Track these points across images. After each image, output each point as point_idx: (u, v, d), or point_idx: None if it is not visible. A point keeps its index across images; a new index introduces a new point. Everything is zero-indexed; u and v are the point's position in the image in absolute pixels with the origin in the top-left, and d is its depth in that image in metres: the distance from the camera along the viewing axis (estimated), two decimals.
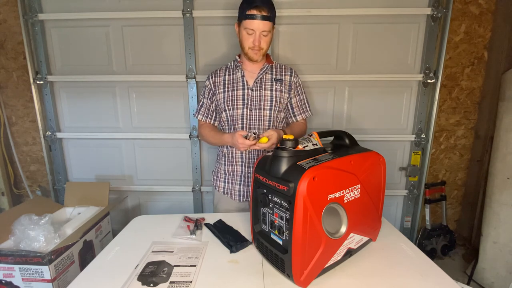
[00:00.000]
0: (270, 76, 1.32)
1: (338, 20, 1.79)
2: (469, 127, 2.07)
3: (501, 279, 1.74)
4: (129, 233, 1.09)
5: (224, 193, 1.40)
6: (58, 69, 1.94)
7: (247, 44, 1.23)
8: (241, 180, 1.36)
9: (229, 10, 1.76)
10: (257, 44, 1.21)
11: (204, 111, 1.41)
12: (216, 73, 1.37)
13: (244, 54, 1.28)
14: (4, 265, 1.25)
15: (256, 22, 1.17)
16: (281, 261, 0.80)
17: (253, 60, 1.27)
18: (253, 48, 1.23)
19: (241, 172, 1.35)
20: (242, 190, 1.36)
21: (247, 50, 1.25)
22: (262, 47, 1.23)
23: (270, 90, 1.30)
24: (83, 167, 2.08)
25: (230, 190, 1.38)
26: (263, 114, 1.30)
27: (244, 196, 1.37)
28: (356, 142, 0.99)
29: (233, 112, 1.31)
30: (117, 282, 0.80)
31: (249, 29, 1.19)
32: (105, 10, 1.81)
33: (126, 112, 1.97)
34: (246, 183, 1.35)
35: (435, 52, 1.80)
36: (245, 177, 1.35)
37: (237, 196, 1.37)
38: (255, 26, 1.18)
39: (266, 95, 1.30)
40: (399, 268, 0.85)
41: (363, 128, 1.93)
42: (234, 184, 1.37)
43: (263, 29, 1.19)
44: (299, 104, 1.39)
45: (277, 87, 1.31)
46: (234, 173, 1.36)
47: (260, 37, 1.21)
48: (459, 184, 2.18)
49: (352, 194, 0.82)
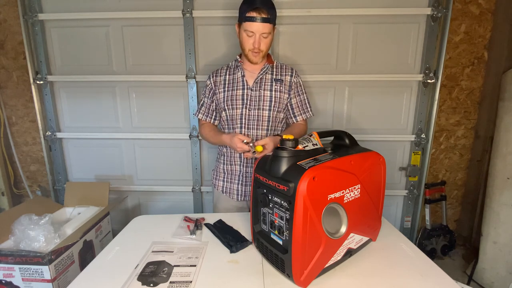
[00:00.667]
0: (270, 76, 1.32)
1: (338, 20, 1.79)
2: (469, 127, 2.07)
3: (501, 279, 1.74)
4: (129, 233, 1.09)
5: (223, 192, 1.41)
6: (58, 69, 1.94)
7: (247, 46, 1.23)
8: (240, 180, 1.36)
9: (229, 10, 1.76)
10: (256, 46, 1.20)
11: (204, 110, 1.42)
12: (217, 72, 1.38)
13: (244, 56, 1.29)
14: (4, 265, 1.25)
15: (256, 24, 1.17)
16: (281, 261, 0.80)
17: (253, 63, 1.28)
18: (253, 50, 1.22)
19: (240, 171, 1.35)
20: (240, 189, 1.36)
21: (247, 52, 1.25)
22: (262, 49, 1.23)
23: (270, 90, 1.30)
24: (83, 167, 2.08)
25: (229, 189, 1.38)
26: (262, 114, 1.30)
27: (242, 195, 1.37)
28: (356, 142, 0.99)
29: (232, 111, 1.31)
30: (117, 282, 0.80)
31: (249, 31, 1.19)
32: (105, 10, 1.81)
33: (126, 112, 1.97)
34: (244, 183, 1.36)
35: (435, 52, 1.80)
36: (244, 177, 1.35)
37: (235, 195, 1.37)
38: (255, 28, 1.18)
39: (265, 95, 1.30)
40: (399, 268, 0.85)
41: (363, 128, 1.93)
42: (233, 183, 1.37)
43: (263, 31, 1.19)
44: (299, 104, 1.38)
45: (277, 87, 1.31)
46: (233, 172, 1.37)
47: (260, 39, 1.20)
48: (459, 184, 2.18)
49: (352, 194, 0.82)
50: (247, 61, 1.29)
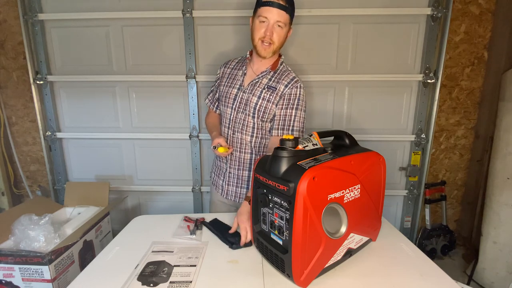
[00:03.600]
0: (266, 82, 1.20)
1: (338, 20, 1.79)
2: (469, 127, 2.07)
3: (501, 279, 1.74)
4: (129, 233, 1.09)
5: (212, 184, 1.43)
6: (58, 69, 1.94)
7: (258, 34, 1.12)
8: (224, 177, 1.34)
9: (229, 10, 1.76)
10: (268, 34, 1.10)
11: (210, 97, 1.44)
12: (227, 64, 1.34)
13: (254, 48, 1.18)
14: (4, 265, 1.25)
15: (271, 9, 1.07)
16: (281, 261, 0.80)
17: (261, 56, 1.16)
18: (264, 39, 1.11)
19: (225, 170, 1.33)
20: (223, 187, 1.34)
21: (257, 42, 1.13)
22: (274, 41, 1.12)
23: (258, 97, 1.19)
24: (83, 167, 2.08)
25: (216, 182, 1.40)
26: (247, 119, 1.22)
27: (225, 193, 1.33)
28: (356, 142, 0.99)
29: (224, 108, 1.28)
30: (117, 282, 0.80)
31: (262, 17, 1.09)
32: (105, 10, 1.81)
33: (126, 112, 1.97)
34: (227, 182, 1.32)
35: (435, 52, 1.80)
36: (227, 176, 1.32)
37: (220, 189, 1.36)
38: (270, 14, 1.08)
39: (252, 100, 1.20)
40: (399, 268, 0.85)
41: (363, 128, 1.93)
42: (219, 178, 1.37)
43: (278, 19, 1.08)
44: (281, 118, 1.18)
45: (266, 96, 1.18)
46: (220, 168, 1.37)
47: (273, 28, 1.09)
48: (459, 184, 2.18)
49: (352, 194, 0.82)
50: (256, 54, 1.18)
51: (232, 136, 1.27)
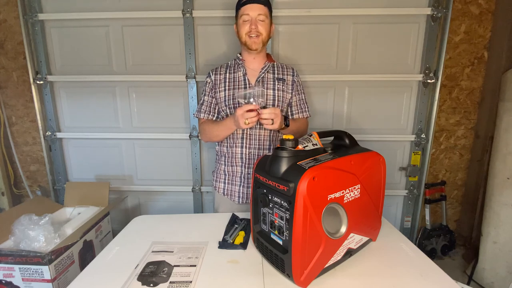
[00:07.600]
0: (272, 76, 1.31)
1: (338, 20, 1.79)
2: (469, 127, 2.07)
3: (501, 279, 1.74)
4: (129, 233, 1.09)
5: (224, 194, 1.38)
6: (58, 69, 1.94)
7: (244, 30, 1.22)
8: (241, 181, 1.33)
9: (229, 10, 1.76)
10: (254, 27, 1.19)
11: (205, 109, 1.35)
12: (217, 70, 1.34)
13: (243, 45, 1.26)
14: (4, 265, 1.25)
15: (251, 6, 1.19)
16: (281, 261, 0.80)
17: (252, 49, 1.24)
18: (250, 32, 1.21)
19: (241, 172, 1.32)
20: (241, 192, 1.34)
21: (245, 38, 1.23)
22: (261, 32, 1.21)
23: (273, 89, 1.29)
24: (83, 167, 2.08)
25: (230, 191, 1.36)
26: None
27: (244, 198, 1.34)
28: (356, 142, 0.99)
29: (234, 111, 1.29)
30: (117, 282, 0.80)
31: (245, 15, 1.20)
32: (105, 10, 1.81)
33: (126, 112, 1.97)
34: (246, 185, 1.33)
35: (435, 52, 1.80)
36: (245, 178, 1.33)
37: (236, 197, 1.35)
38: (250, 10, 1.19)
39: (268, 94, 1.28)
40: (399, 268, 0.85)
41: (363, 128, 1.93)
42: (234, 185, 1.35)
43: (258, 13, 1.19)
44: (298, 103, 1.38)
45: (279, 87, 1.30)
46: (234, 173, 1.34)
47: (257, 22, 1.20)
48: (459, 184, 2.18)
49: (352, 194, 0.82)
50: (247, 51, 1.27)
51: (249, 134, 1.28)
